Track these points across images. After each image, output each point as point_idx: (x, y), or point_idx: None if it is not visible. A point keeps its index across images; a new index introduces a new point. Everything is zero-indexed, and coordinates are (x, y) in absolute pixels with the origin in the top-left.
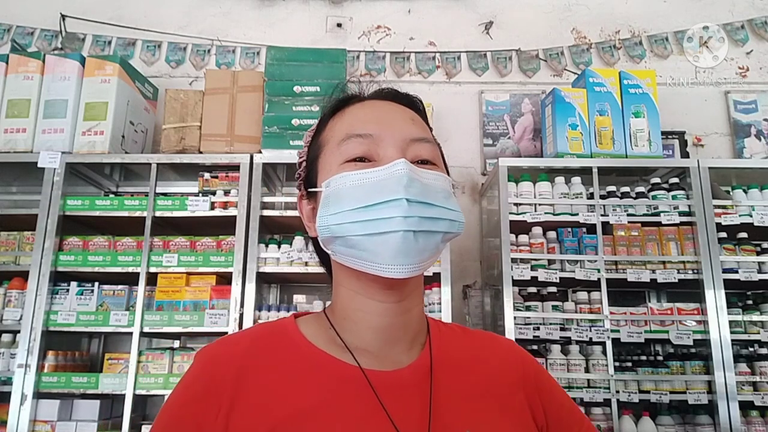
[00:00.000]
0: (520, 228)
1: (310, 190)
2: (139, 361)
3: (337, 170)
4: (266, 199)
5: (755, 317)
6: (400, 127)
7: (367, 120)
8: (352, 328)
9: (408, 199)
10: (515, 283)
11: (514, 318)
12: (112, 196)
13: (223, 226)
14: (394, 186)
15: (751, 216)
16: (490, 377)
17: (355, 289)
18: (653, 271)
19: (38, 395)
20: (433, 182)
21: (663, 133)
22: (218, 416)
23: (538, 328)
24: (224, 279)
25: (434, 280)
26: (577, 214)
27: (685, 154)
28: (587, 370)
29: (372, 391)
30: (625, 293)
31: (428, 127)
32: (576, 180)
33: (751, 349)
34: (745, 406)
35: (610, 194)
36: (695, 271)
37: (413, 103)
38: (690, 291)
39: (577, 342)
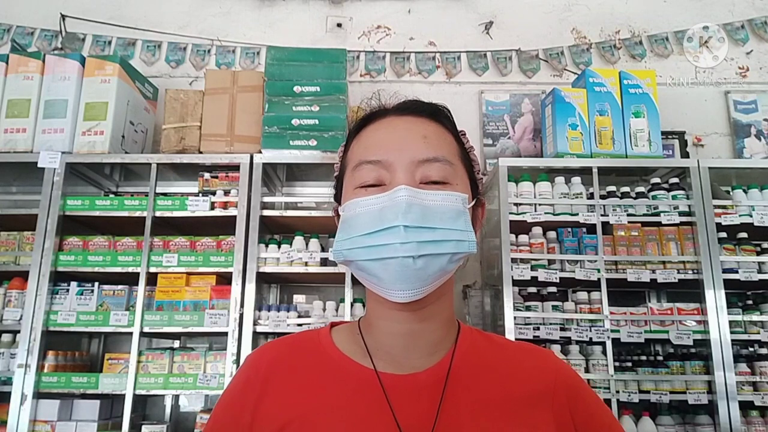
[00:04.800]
0: (520, 228)
1: (339, 208)
2: (139, 361)
3: (351, 195)
4: (266, 199)
5: (755, 317)
6: (409, 148)
7: (379, 145)
8: (374, 333)
9: (406, 225)
10: (515, 283)
11: (514, 318)
12: (112, 196)
13: (223, 226)
14: (392, 213)
15: (751, 216)
16: (513, 387)
17: (377, 299)
18: (653, 271)
19: (38, 395)
20: (438, 203)
21: (663, 133)
22: (248, 410)
23: (538, 328)
24: (224, 279)
25: None
26: (577, 214)
27: (685, 154)
28: (587, 370)
29: (382, 393)
30: (625, 293)
31: (452, 135)
32: (576, 180)
33: (751, 349)
34: (745, 406)
35: (610, 194)
36: (695, 271)
37: (435, 113)
38: (690, 291)
39: (577, 342)
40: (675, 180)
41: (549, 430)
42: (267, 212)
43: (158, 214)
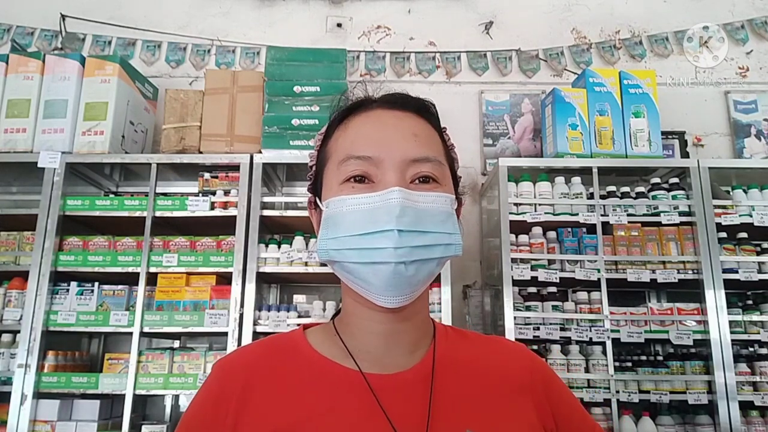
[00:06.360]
0: (520, 228)
1: (317, 200)
2: (139, 361)
3: (336, 191)
4: (266, 199)
5: (755, 317)
6: (400, 146)
7: (368, 139)
8: (354, 333)
9: (400, 230)
10: (515, 283)
11: (514, 318)
12: (112, 196)
13: (223, 226)
14: (386, 216)
15: (751, 216)
16: (495, 380)
17: (356, 299)
18: (653, 271)
19: (38, 395)
20: (430, 206)
21: (663, 133)
22: (226, 422)
23: (538, 328)
24: (224, 279)
25: (434, 280)
26: (577, 214)
27: (685, 154)
28: (587, 370)
29: (371, 394)
30: (625, 293)
31: (437, 132)
32: (576, 180)
33: (751, 349)
34: (745, 406)
35: (610, 194)
36: (695, 271)
37: (422, 108)
38: (690, 291)
39: (577, 342)
40: (675, 180)
41: (532, 418)
42: (267, 212)
43: (158, 214)
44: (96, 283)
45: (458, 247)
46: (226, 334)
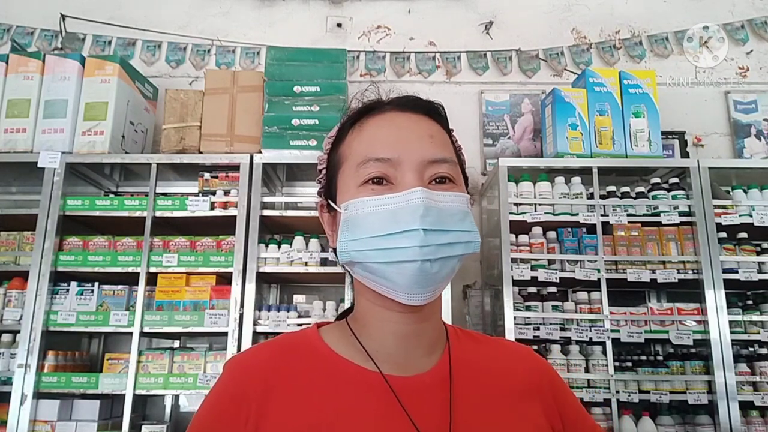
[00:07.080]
0: (520, 228)
1: (330, 204)
2: (139, 361)
3: (355, 193)
4: (266, 199)
5: (755, 317)
6: (418, 148)
7: (386, 141)
8: (372, 335)
9: (425, 228)
10: (515, 283)
11: (514, 318)
12: (112, 196)
13: (223, 226)
14: (410, 216)
15: (751, 216)
16: (507, 383)
17: (374, 301)
18: (653, 271)
19: (38, 395)
20: (450, 205)
21: (663, 133)
22: (247, 424)
23: (538, 328)
24: (224, 279)
25: None
26: (577, 214)
27: (685, 154)
28: (587, 370)
29: (394, 396)
30: (625, 293)
31: (448, 133)
32: (576, 180)
33: (751, 349)
34: (745, 406)
35: (610, 194)
36: (695, 271)
37: (433, 110)
38: (690, 291)
39: (577, 342)
40: (675, 180)
41: (541, 420)
42: (267, 212)
43: (158, 214)
44: (96, 283)
45: (477, 245)
46: (226, 334)
